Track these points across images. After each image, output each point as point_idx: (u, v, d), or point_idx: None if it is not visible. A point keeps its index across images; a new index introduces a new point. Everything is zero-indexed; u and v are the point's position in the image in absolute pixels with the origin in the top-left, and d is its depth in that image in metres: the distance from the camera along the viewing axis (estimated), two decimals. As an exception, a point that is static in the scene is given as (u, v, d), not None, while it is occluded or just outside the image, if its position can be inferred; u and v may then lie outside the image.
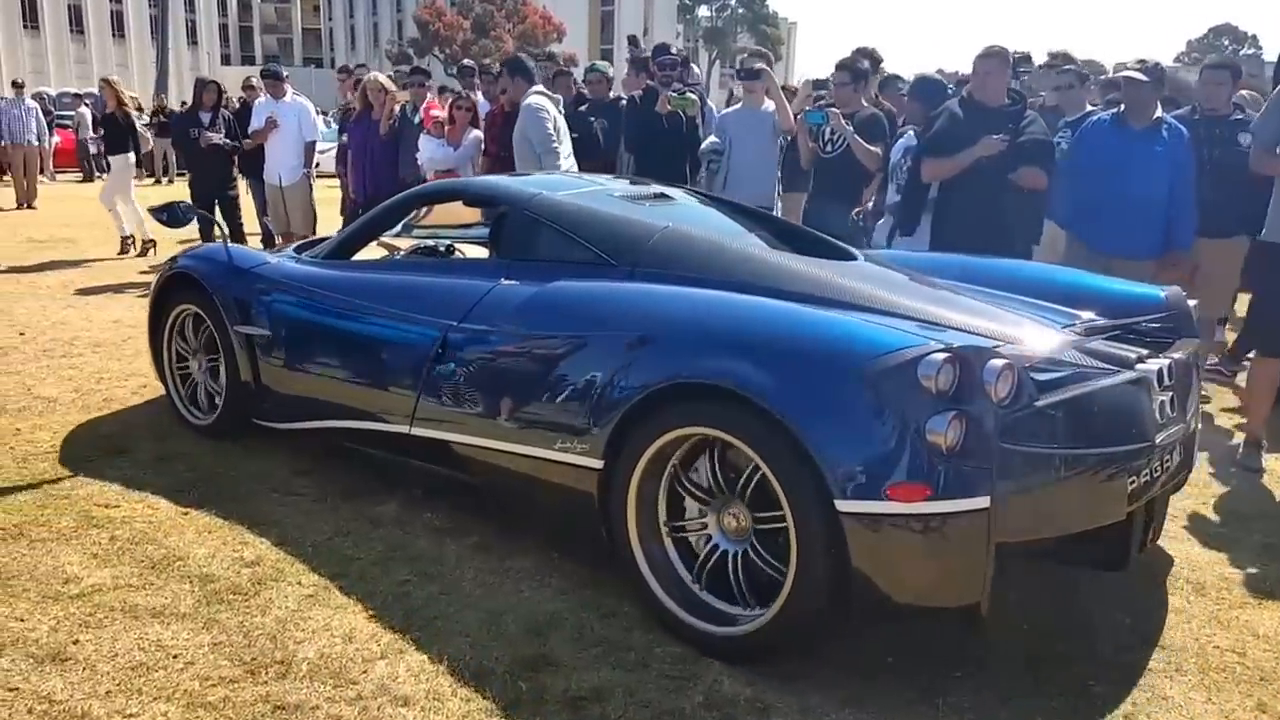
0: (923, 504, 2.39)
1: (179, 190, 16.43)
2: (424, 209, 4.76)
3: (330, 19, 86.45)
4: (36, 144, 15.46)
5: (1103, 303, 3.43)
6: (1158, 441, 2.81)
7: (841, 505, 2.44)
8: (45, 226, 11.93)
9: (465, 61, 10.13)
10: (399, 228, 4.68)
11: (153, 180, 19.71)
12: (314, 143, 9.03)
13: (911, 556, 2.47)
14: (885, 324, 2.74)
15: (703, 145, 6.83)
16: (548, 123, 6.56)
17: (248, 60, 72.56)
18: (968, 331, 2.88)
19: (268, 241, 9.29)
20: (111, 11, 61.43)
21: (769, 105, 6.67)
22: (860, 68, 6.62)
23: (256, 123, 8.96)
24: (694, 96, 6.78)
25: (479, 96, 8.52)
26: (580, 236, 3.55)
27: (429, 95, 8.40)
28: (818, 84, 7.89)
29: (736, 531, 2.81)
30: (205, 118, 9.08)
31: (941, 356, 2.41)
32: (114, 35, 60.96)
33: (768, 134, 6.60)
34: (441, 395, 3.43)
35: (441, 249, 4.60)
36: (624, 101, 7.41)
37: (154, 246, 9.98)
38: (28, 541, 3.43)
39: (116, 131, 10.37)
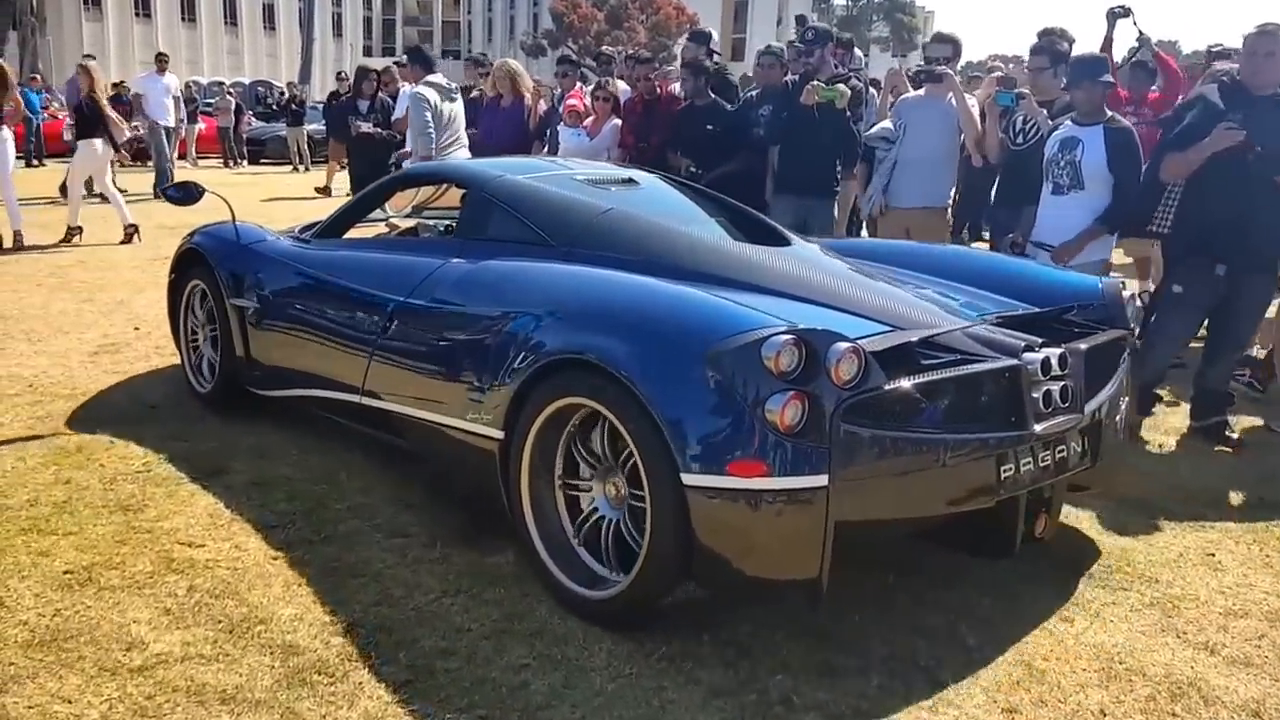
0: (760, 480, 2.47)
1: (314, 178, 16.46)
2: (411, 190, 5.04)
3: (469, 11, 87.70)
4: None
5: (1038, 291, 3.49)
6: (1037, 431, 2.78)
7: (687, 479, 2.53)
8: (177, 212, 11.86)
9: (603, 48, 9.52)
10: (409, 208, 5.04)
11: (291, 168, 19.88)
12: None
13: (750, 531, 2.53)
14: (740, 305, 2.77)
15: (871, 129, 6.07)
16: (427, 111, 7.06)
17: (388, 52, 74.14)
18: (858, 314, 3.02)
19: None
20: (263, 5, 63.50)
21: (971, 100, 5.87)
22: (1059, 49, 5.76)
23: (399, 111, 8.59)
24: (844, 87, 6.03)
25: (619, 85, 7.92)
26: (526, 218, 3.70)
27: (578, 85, 7.85)
28: (1005, 79, 7.00)
29: (616, 500, 2.89)
30: (363, 106, 8.76)
31: (784, 338, 2.47)
32: (265, 28, 62.97)
33: (949, 130, 5.78)
34: (385, 367, 3.59)
35: (430, 229, 4.76)
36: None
37: (137, 232, 9.81)
38: (95, 589, 2.97)
39: (85, 117, 9.92)
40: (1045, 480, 2.89)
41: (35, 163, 18.41)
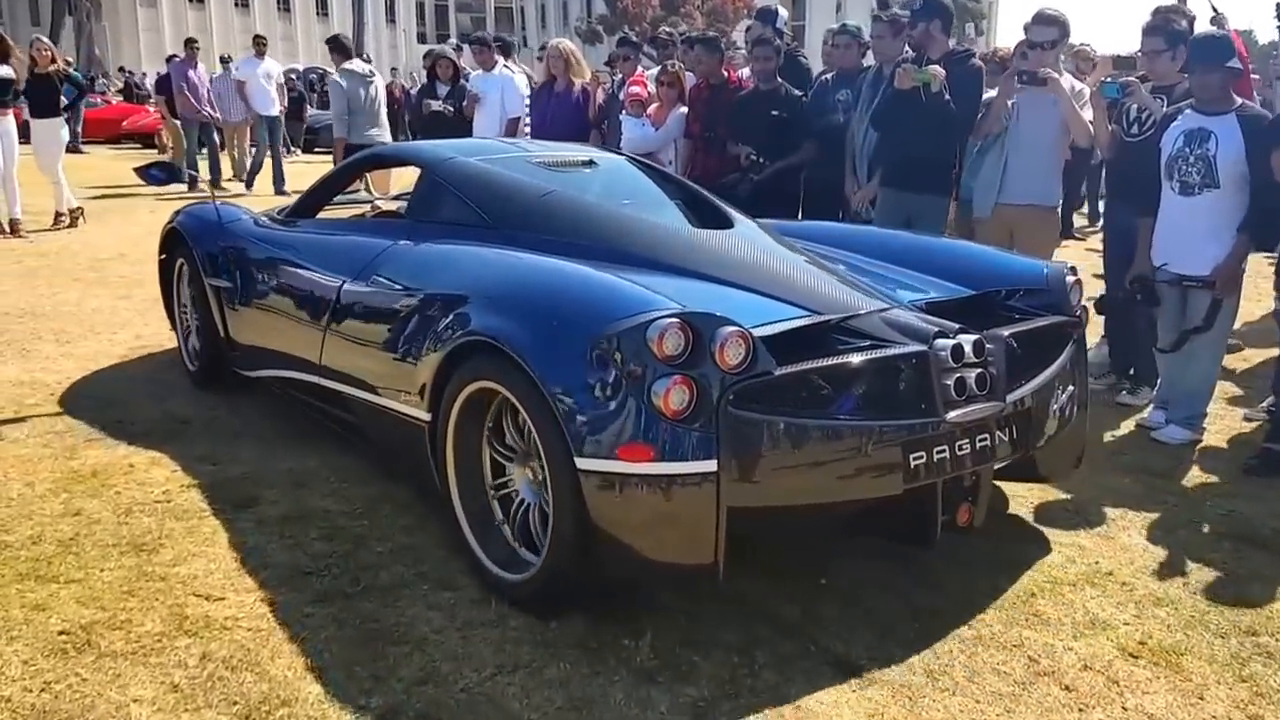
0: (649, 465, 2.44)
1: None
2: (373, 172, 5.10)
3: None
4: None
5: (983, 275, 3.44)
6: (949, 418, 2.71)
7: (580, 463, 2.51)
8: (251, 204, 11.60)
9: (663, 30, 8.95)
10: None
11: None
12: (518, 119, 8.01)
13: (642, 516, 2.51)
14: (638, 287, 2.71)
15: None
16: (341, 99, 8.16)
17: (442, 38, 73.81)
18: (781, 298, 2.97)
19: None
20: (313, -11, 63.71)
21: (1070, 83, 5.25)
22: (1176, 28, 5.11)
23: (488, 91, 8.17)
24: (938, 68, 5.46)
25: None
26: (470, 200, 3.68)
27: (639, 70, 7.31)
28: (1119, 60, 6.35)
29: (535, 483, 2.85)
30: (442, 90, 8.30)
31: (669, 321, 2.44)
32: (318, 14, 63.05)
33: (1054, 124, 5.17)
34: (335, 348, 3.59)
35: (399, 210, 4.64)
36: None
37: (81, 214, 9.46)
38: (94, 656, 2.53)
39: (44, 91, 9.31)
40: (965, 469, 2.80)
41: (77, 149, 18.23)
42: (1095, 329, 6.04)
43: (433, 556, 3.12)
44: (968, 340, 2.80)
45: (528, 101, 8.08)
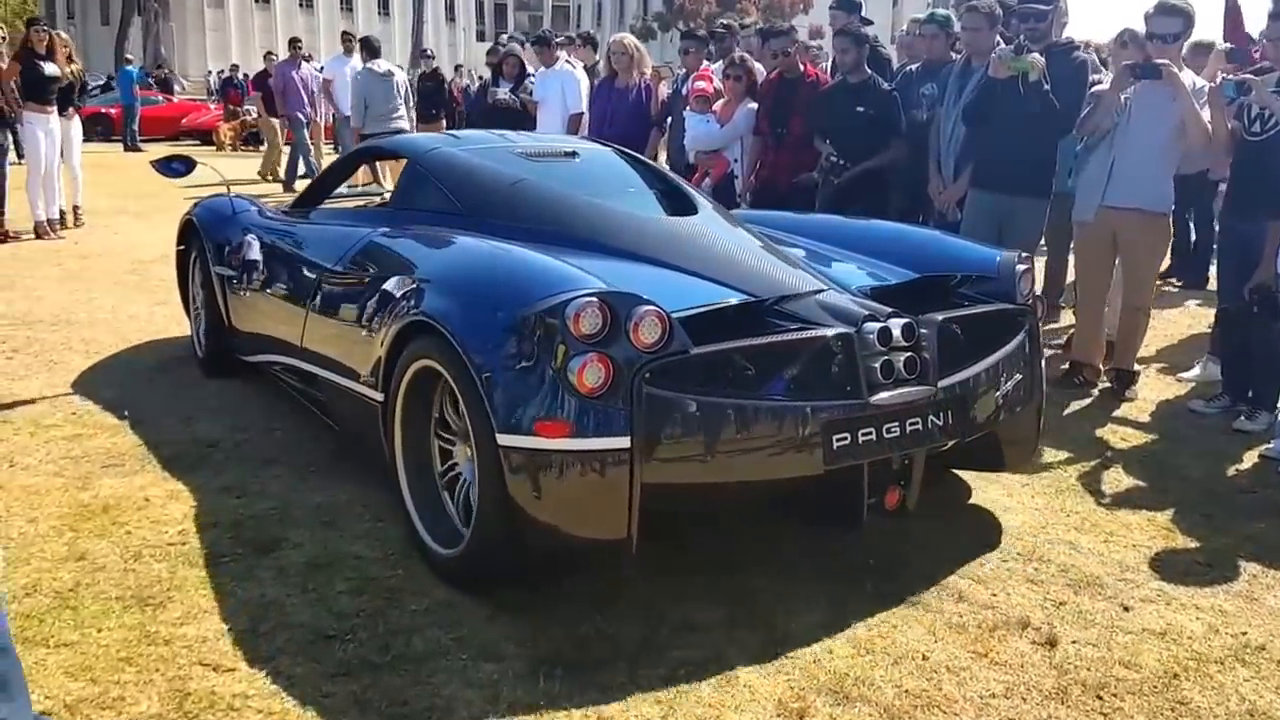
0: (564, 440, 2.48)
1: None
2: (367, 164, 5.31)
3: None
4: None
5: (937, 262, 3.46)
6: (874, 401, 2.72)
7: (501, 439, 2.55)
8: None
9: (722, 22, 8.46)
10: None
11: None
12: (580, 115, 7.62)
13: (558, 490, 2.53)
14: (568, 269, 2.74)
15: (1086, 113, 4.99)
16: (360, 94, 9.16)
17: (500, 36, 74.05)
18: (722, 281, 3.00)
19: None
20: (378, -9, 64.07)
21: (1191, 79, 4.72)
22: (1310, 12, 4.58)
23: (539, 92, 7.81)
24: (1038, 56, 4.94)
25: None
26: (445, 188, 3.75)
27: (705, 64, 6.87)
28: (1232, 54, 5.79)
29: (469, 461, 2.82)
30: (505, 87, 7.98)
31: (585, 300, 2.48)
32: (379, 13, 63.33)
33: (1170, 123, 4.64)
34: (313, 332, 3.68)
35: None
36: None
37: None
38: (74, 747, 2.17)
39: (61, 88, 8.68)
40: (893, 452, 2.82)
41: (132, 147, 18.27)
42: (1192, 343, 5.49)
43: (474, 617, 2.72)
44: (897, 324, 2.81)
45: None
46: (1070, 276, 5.91)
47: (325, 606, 2.75)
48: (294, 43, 13.23)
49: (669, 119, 6.88)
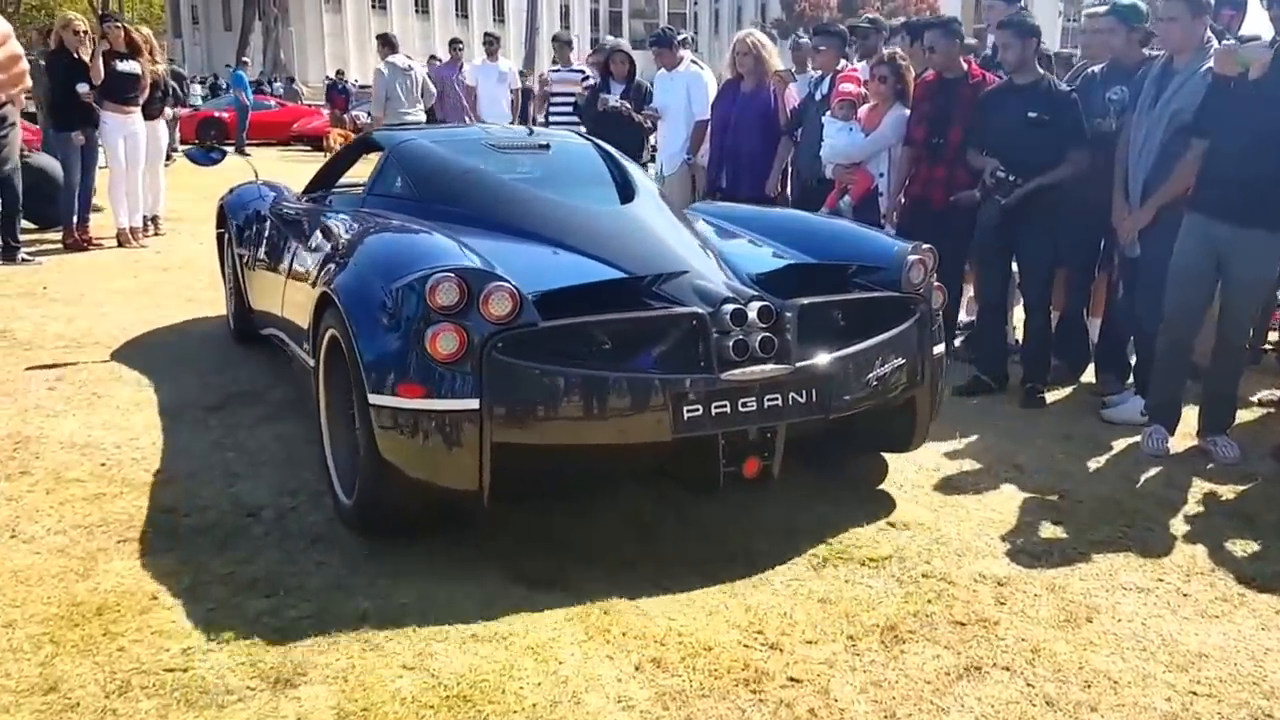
0: (420, 401, 2.76)
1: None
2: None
3: (695, 3, 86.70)
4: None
5: (840, 251, 3.60)
6: (723, 376, 2.89)
7: (372, 399, 2.82)
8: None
9: (866, 16, 7.48)
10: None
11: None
12: (704, 122, 6.71)
13: (417, 446, 2.81)
14: (444, 247, 3.05)
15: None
16: (383, 87, 9.47)
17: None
18: (612, 263, 3.24)
19: None
20: (494, -2, 64.58)
21: None
22: None
23: (659, 98, 7.03)
24: (1263, 46, 3.93)
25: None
26: (406, 177, 4.07)
27: (844, 63, 5.98)
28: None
29: None
30: (617, 89, 7.28)
31: (443, 276, 2.74)
32: (495, 19, 63.76)
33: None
34: (285, 306, 4.06)
35: None
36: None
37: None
38: None
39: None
40: (749, 425, 2.99)
41: (240, 151, 18.18)
42: None
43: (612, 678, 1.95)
44: (755, 306, 2.99)
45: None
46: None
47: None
48: (454, 44, 11.92)
49: (800, 129, 6.02)
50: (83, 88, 7.67)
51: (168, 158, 9.78)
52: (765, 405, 2.98)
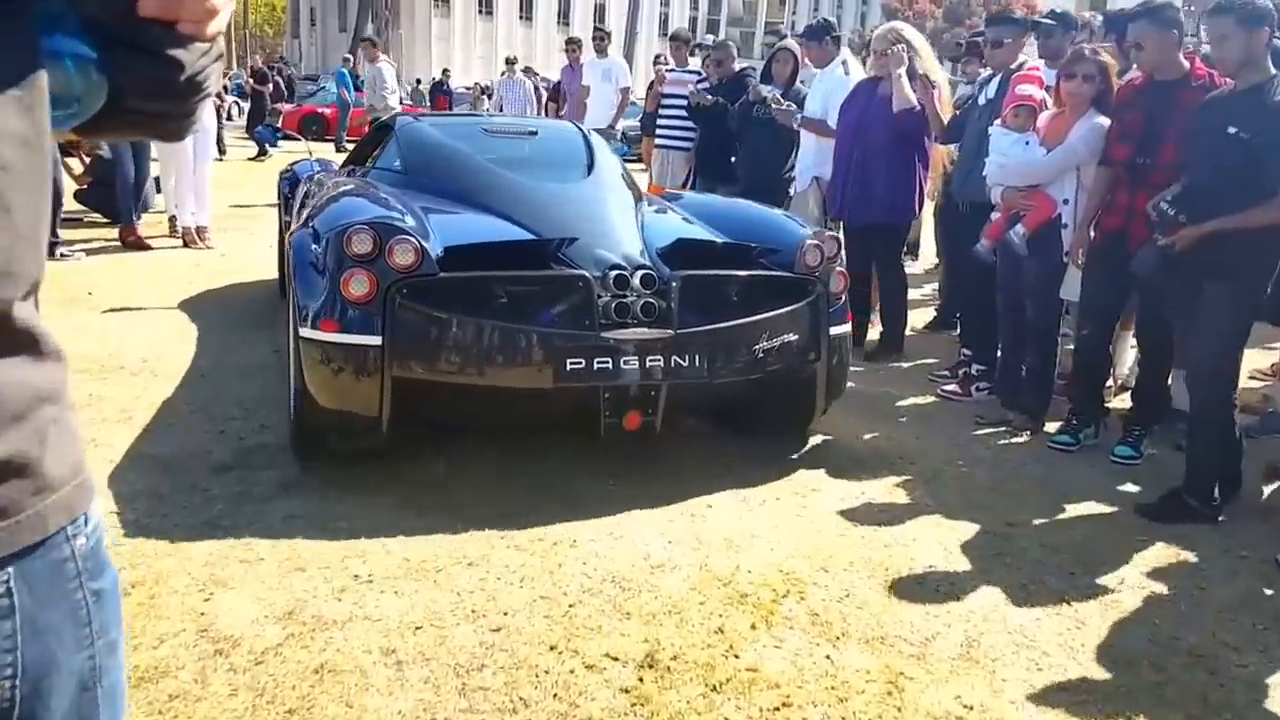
0: (335, 335, 3.18)
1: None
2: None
3: (794, 12, 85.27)
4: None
5: (757, 235, 3.87)
6: (603, 335, 3.26)
7: (301, 332, 3.26)
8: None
9: (1053, 9, 6.26)
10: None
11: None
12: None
13: (329, 374, 3.21)
14: (377, 208, 3.53)
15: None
16: (384, 82, 11.73)
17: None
18: (526, 228, 3.67)
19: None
20: (595, 5, 64.11)
21: None
22: None
23: (813, 106, 6.08)
24: None
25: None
26: (401, 153, 4.59)
27: (1024, 59, 4.93)
28: None
29: None
30: (774, 90, 6.39)
31: (359, 228, 3.18)
32: (559, 22, 62.99)
33: None
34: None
35: None
36: None
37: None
38: None
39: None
40: (629, 382, 3.31)
41: (340, 148, 17.73)
42: None
43: None
44: (638, 274, 3.36)
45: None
46: None
47: None
48: (571, 44, 10.97)
49: (958, 143, 5.00)
50: None
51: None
52: (647, 365, 3.30)
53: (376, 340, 3.12)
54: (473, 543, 3.00)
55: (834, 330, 3.71)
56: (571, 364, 3.22)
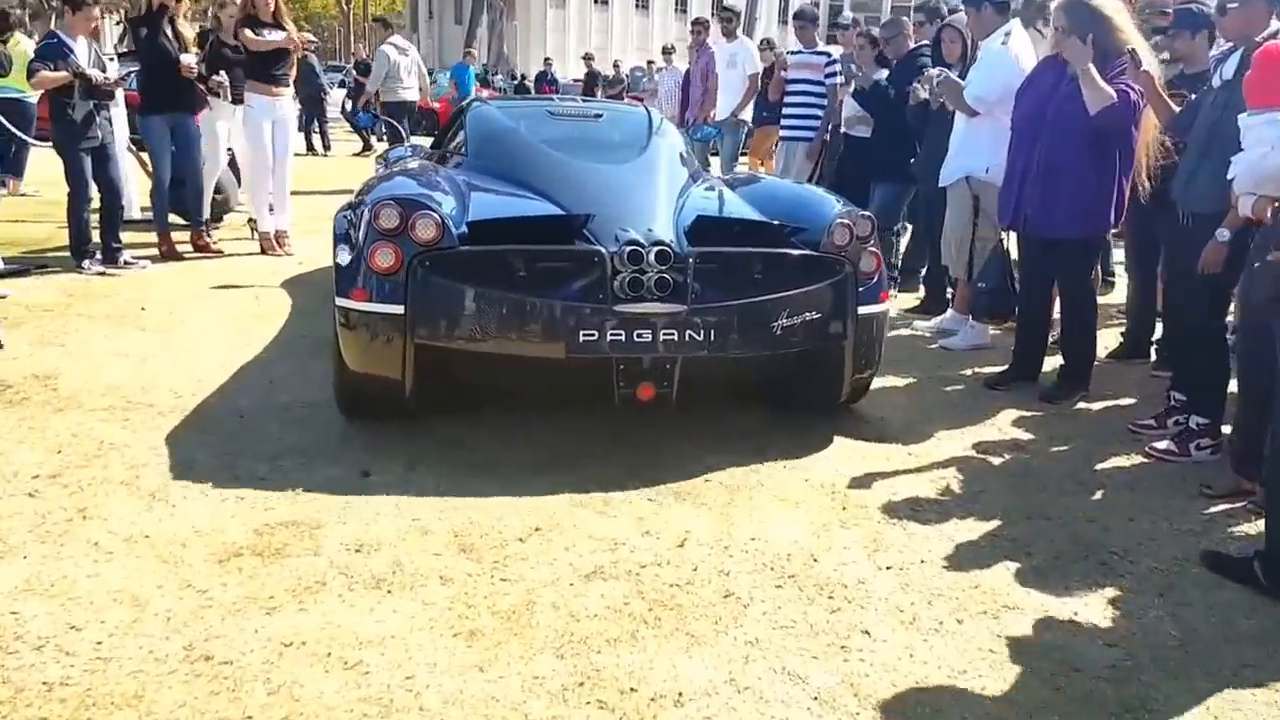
0: (364, 304, 3.40)
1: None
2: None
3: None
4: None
5: (794, 215, 3.90)
6: (615, 308, 3.34)
7: (336, 300, 3.48)
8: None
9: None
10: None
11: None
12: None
13: (361, 339, 3.45)
14: (410, 187, 3.67)
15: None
16: (384, 65, 10.87)
17: (832, 41, 70.92)
18: (566, 208, 3.74)
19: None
20: (710, -5, 62.92)
21: None
22: None
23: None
24: None
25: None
26: (467, 136, 4.80)
27: (1277, 26, 3.86)
28: None
29: None
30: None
31: (386, 204, 3.36)
32: (676, 11, 61.63)
33: None
34: None
35: None
36: None
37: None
38: None
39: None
40: (643, 354, 3.41)
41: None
42: None
43: None
44: (653, 250, 3.39)
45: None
46: None
47: None
48: (698, 24, 9.88)
49: (1181, 143, 3.95)
50: (188, 59, 6.40)
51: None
52: (661, 338, 3.39)
53: (399, 309, 3.31)
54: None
55: (863, 310, 3.74)
56: (585, 336, 3.32)
